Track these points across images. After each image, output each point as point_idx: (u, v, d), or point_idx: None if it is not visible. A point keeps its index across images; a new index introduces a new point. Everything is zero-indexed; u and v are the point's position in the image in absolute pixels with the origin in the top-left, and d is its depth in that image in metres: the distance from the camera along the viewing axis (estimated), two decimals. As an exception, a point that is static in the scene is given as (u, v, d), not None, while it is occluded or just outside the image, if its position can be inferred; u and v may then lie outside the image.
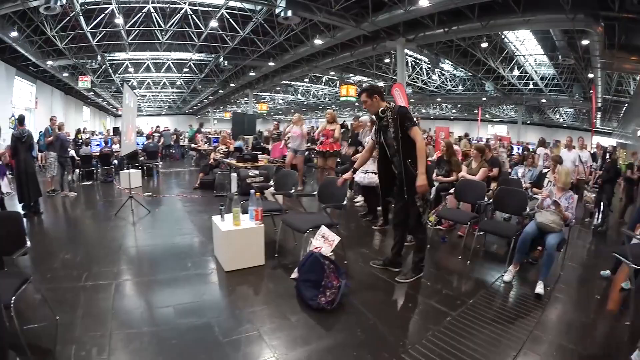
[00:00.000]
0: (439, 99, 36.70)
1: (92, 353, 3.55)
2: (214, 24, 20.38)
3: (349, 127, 16.15)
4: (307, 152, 11.86)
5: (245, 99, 43.88)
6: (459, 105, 42.38)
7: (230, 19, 20.21)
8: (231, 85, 35.48)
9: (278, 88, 41.61)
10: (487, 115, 43.59)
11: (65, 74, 27.59)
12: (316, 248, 4.85)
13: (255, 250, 5.60)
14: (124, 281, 5.23)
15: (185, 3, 19.61)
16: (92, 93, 36.17)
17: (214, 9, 19.72)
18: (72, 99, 36.00)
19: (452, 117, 48.68)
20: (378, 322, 4.23)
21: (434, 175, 8.37)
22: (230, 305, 4.65)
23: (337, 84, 33.72)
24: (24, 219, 6.66)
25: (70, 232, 8.01)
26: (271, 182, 7.65)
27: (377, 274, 5.60)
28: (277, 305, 4.57)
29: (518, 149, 21.19)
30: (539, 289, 5.04)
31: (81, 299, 4.62)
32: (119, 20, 19.87)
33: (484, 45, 22.31)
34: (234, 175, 10.31)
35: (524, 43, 23.21)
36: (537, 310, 4.65)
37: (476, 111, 39.62)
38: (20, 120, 9.24)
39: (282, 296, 4.77)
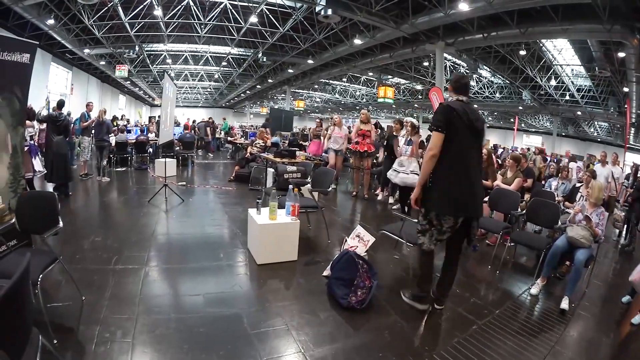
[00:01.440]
0: (475, 106, 36.23)
1: (116, 335, 3.61)
2: (253, 19, 20.64)
3: (383, 128, 16.14)
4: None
5: (283, 95, 44.22)
6: (495, 113, 41.92)
7: (270, 15, 20.32)
8: (269, 81, 35.69)
9: (316, 86, 41.74)
10: (522, 125, 42.98)
11: (102, 62, 28.08)
12: (351, 247, 4.88)
13: (289, 245, 5.63)
14: (153, 267, 5.32)
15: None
16: (129, 82, 36.82)
17: (254, 5, 19.85)
18: (108, 87, 36.71)
19: (487, 125, 48.23)
20: (405, 325, 4.23)
21: None
22: (260, 298, 4.67)
23: (375, 85, 33.56)
24: None
25: (102, 216, 8.16)
26: (308, 179, 7.68)
27: (408, 278, 5.59)
28: (307, 301, 4.60)
29: (553, 161, 20.93)
30: (564, 304, 4.96)
31: (109, 281, 4.71)
32: (158, 12, 20.16)
33: (523, 52, 22.05)
34: (270, 169, 10.37)
35: (561, 52, 22.84)
36: (561, 325, 4.60)
37: (512, 120, 38.90)
38: (60, 104, 9.46)
39: (312, 292, 4.80)
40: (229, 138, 21.82)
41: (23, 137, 5.71)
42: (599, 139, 38.22)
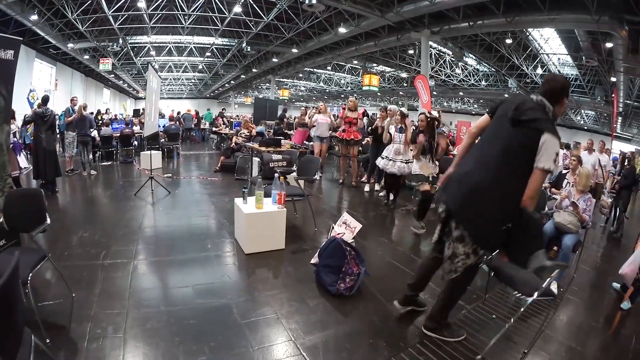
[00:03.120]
0: (461, 93, 36.41)
1: (107, 331, 3.59)
2: (237, 9, 20.42)
3: (370, 116, 16.12)
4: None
5: (267, 84, 44.10)
6: (481, 100, 41.97)
7: (254, 5, 20.19)
8: (253, 70, 35.59)
9: (300, 75, 41.51)
10: (509, 113, 43.05)
11: (86, 57, 27.82)
12: (338, 234, 4.86)
13: (276, 234, 5.64)
14: (142, 260, 5.27)
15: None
16: (113, 75, 36.59)
17: (237, -7, 19.63)
18: (92, 81, 36.37)
19: (473, 112, 48.25)
20: (395, 310, 4.21)
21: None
22: (249, 287, 4.67)
23: (360, 73, 33.52)
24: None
25: (89, 211, 8.03)
26: (294, 167, 7.65)
27: (396, 263, 5.62)
28: (296, 289, 4.61)
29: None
30: (552, 288, 4.94)
31: (98, 277, 4.67)
32: (142, 4, 19.95)
33: (509, 41, 22.02)
34: (255, 159, 10.38)
35: (548, 41, 22.86)
36: (550, 309, 4.62)
37: (498, 107, 38.99)
38: (45, 100, 9.38)
39: (301, 280, 4.81)
40: (213, 129, 21.70)
41: (8, 135, 5.69)
42: (585, 127, 38.43)
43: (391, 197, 8.94)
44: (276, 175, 5.64)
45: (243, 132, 13.13)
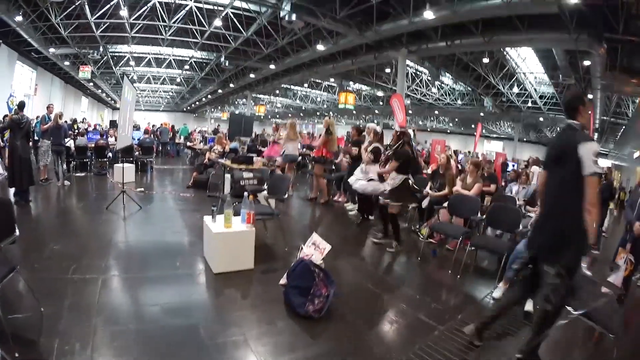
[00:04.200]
0: (436, 112, 36.77)
1: (75, 347, 3.52)
2: (218, 22, 20.39)
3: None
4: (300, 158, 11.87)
5: (244, 100, 44.13)
6: (456, 120, 42.45)
7: (234, 19, 20.23)
8: (231, 85, 35.56)
9: (277, 91, 41.56)
10: (483, 131, 43.46)
11: (67, 63, 27.69)
12: (306, 255, 4.83)
13: (245, 253, 5.57)
14: (111, 276, 5.21)
15: (191, 0, 19.63)
16: (92, 84, 36.28)
17: (219, 8, 19.74)
18: (71, 88, 36.17)
19: (448, 131, 48.76)
20: (366, 332, 4.23)
21: (428, 189, 8.49)
22: (217, 307, 4.66)
23: (337, 91, 33.71)
24: (15, 206, 7.20)
25: (61, 223, 7.95)
26: (265, 186, 7.61)
27: (367, 284, 5.60)
28: (265, 310, 4.56)
29: (513, 165, 21.21)
30: (528, 306, 4.92)
31: (68, 291, 4.59)
32: (124, 12, 19.89)
33: (486, 60, 22.29)
34: (228, 176, 10.28)
35: (525, 61, 23.23)
36: (525, 328, 4.56)
37: (473, 125, 39.28)
38: (21, 106, 9.20)
39: (270, 301, 4.76)
40: (188, 143, 21.59)
41: None
42: (562, 144, 38.90)
43: (367, 216, 9.01)
44: (245, 193, 5.61)
45: (216, 148, 13.04)
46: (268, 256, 6.26)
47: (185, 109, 56.07)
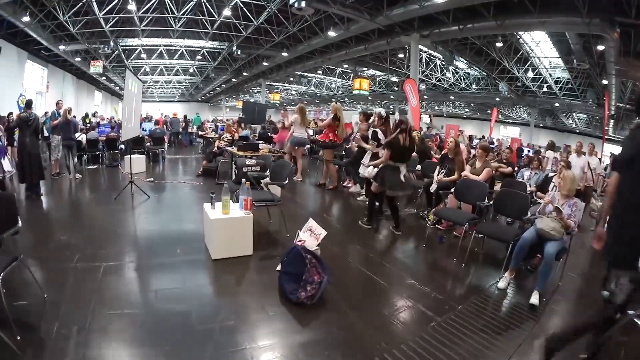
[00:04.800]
0: (452, 97, 36.42)
1: (72, 331, 3.65)
2: (227, 12, 20.44)
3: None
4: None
5: (258, 88, 43.98)
6: (472, 105, 42.02)
7: (244, 8, 20.14)
8: (244, 74, 35.46)
9: (291, 79, 41.64)
10: (500, 116, 42.77)
11: (78, 59, 27.83)
12: (300, 241, 4.75)
13: (243, 239, 5.56)
14: (113, 264, 5.26)
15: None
16: (105, 78, 36.52)
17: (228, -3, 19.61)
18: (84, 83, 36.44)
19: (464, 116, 48.25)
20: (358, 321, 4.14)
21: (436, 174, 8.23)
22: (212, 293, 4.74)
23: (351, 77, 33.50)
24: (25, 200, 8.36)
25: (69, 215, 8.12)
26: (267, 173, 7.56)
27: (367, 272, 5.50)
28: (259, 296, 4.56)
29: (529, 151, 20.95)
30: (534, 299, 4.77)
31: (70, 279, 4.72)
32: (132, 6, 19.95)
33: (499, 44, 22.03)
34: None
35: (539, 45, 22.86)
36: (530, 322, 4.45)
37: (489, 111, 38.79)
38: (28, 104, 9.40)
39: (264, 288, 4.76)
40: (200, 132, 21.65)
41: None
42: (577, 130, 38.45)
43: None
44: (243, 180, 5.56)
45: (226, 136, 13.04)
46: (268, 242, 6.22)
47: (200, 99, 56.16)
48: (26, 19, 18.83)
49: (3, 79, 20.77)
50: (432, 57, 27.61)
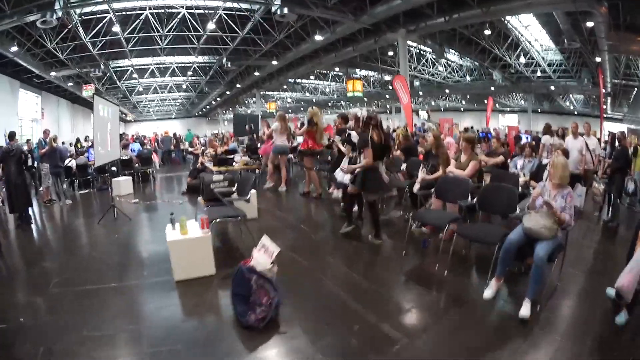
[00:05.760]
0: (447, 90, 36.19)
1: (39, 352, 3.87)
2: (211, 26, 20.55)
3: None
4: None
5: (254, 98, 44.20)
6: (468, 96, 41.72)
7: (228, 20, 20.24)
8: (237, 86, 35.66)
9: (285, 87, 41.75)
10: (497, 105, 42.04)
11: (70, 84, 28.26)
12: (248, 260, 4.48)
13: (203, 259, 5.46)
14: (82, 288, 5.37)
15: (182, 7, 19.78)
16: (100, 100, 36.46)
17: (211, 11, 19.80)
18: (79, 107, 36.80)
19: (462, 109, 47.84)
20: (311, 347, 3.79)
21: (420, 172, 7.71)
22: (165, 316, 4.59)
23: (344, 80, 33.40)
24: (16, 229, 8.89)
25: (54, 241, 8.44)
26: (234, 188, 7.35)
27: (336, 289, 5.07)
28: (211, 319, 4.47)
29: (527, 137, 20.58)
30: (524, 310, 4.14)
31: (44, 304, 5.03)
32: (117, 28, 20.16)
33: (488, 32, 21.73)
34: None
35: (528, 28, 22.66)
36: (518, 338, 3.87)
37: (486, 101, 38.64)
38: (11, 136, 9.89)
39: (219, 309, 4.69)
40: (189, 149, 21.59)
41: None
42: (575, 112, 37.98)
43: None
44: (199, 198, 5.43)
45: (208, 151, 12.92)
46: (235, 259, 5.67)
47: (197, 114, 56.35)
48: (14, 48, 19.13)
49: (-3, 109, 21.18)
50: (422, 53, 27.44)
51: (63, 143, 18.93)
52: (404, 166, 9.59)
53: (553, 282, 4.89)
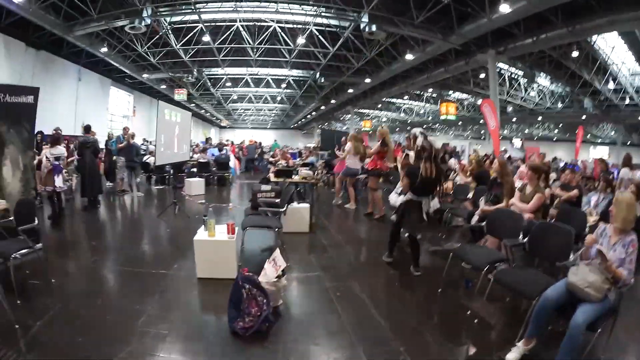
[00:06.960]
0: (540, 118, 34.76)
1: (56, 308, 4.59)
2: (301, 40, 20.72)
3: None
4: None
5: (349, 115, 44.35)
6: (560, 125, 39.73)
7: (319, 36, 20.39)
8: (332, 101, 35.77)
9: (379, 105, 41.62)
10: (588, 136, 39.28)
11: (163, 86, 29.42)
12: (244, 269, 4.64)
13: (226, 262, 5.69)
14: (114, 267, 6.40)
15: (273, 21, 20.07)
16: (194, 104, 37.65)
17: (301, 26, 19.99)
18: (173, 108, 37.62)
19: (555, 139, 45.50)
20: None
21: (481, 202, 7.11)
22: (172, 309, 4.80)
23: (439, 102, 32.92)
24: (83, 211, 10.27)
25: (111, 225, 9.59)
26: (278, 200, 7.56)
27: (346, 319, 4.62)
28: (209, 321, 4.70)
29: (613, 171, 19.22)
30: (512, 356, 3.64)
31: (79, 273, 6.05)
32: (207, 38, 20.73)
33: (575, 54, 20.86)
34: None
35: (614, 50, 21.48)
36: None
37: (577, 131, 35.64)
38: (87, 128, 10.97)
39: (220, 309, 4.56)
40: (270, 158, 21.97)
41: (32, 159, 7.72)
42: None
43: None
44: (229, 205, 5.62)
45: (281, 162, 13.19)
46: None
47: (292, 126, 57.27)
48: (104, 49, 20.14)
49: (87, 102, 22.64)
50: (515, 76, 26.61)
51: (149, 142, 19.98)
52: (471, 194, 8.92)
53: (595, 354, 3.82)
